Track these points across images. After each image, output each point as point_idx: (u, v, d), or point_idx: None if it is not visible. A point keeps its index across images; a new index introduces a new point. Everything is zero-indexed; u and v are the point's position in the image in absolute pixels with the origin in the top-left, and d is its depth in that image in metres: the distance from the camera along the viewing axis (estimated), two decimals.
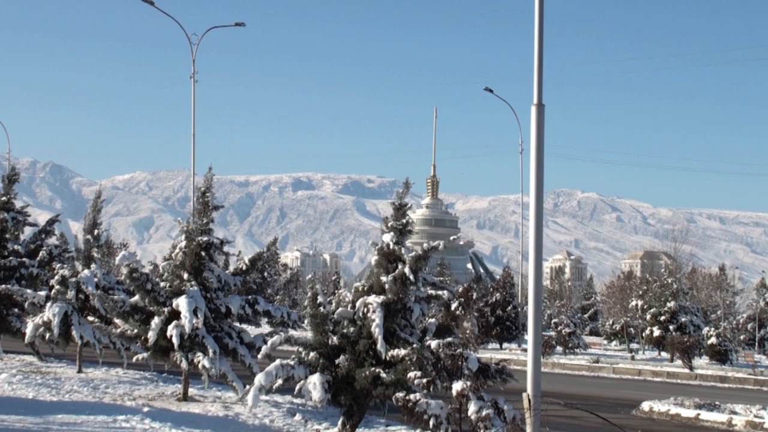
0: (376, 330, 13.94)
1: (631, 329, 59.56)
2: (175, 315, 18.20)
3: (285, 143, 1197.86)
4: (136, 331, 18.94)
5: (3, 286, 26.15)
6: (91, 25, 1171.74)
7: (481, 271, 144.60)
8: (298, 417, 16.88)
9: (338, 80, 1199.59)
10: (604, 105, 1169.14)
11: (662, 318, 50.88)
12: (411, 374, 13.11)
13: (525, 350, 35.50)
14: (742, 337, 62.99)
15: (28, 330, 23.80)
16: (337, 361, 14.36)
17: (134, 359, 19.94)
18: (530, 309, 12.70)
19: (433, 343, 13.94)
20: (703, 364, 43.62)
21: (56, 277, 24.51)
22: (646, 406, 22.39)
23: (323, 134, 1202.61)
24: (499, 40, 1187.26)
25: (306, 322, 15.99)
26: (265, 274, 78.65)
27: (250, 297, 19.60)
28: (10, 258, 27.77)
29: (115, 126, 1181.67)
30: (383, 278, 14.76)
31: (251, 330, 23.30)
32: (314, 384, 13.76)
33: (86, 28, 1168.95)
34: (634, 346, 59.65)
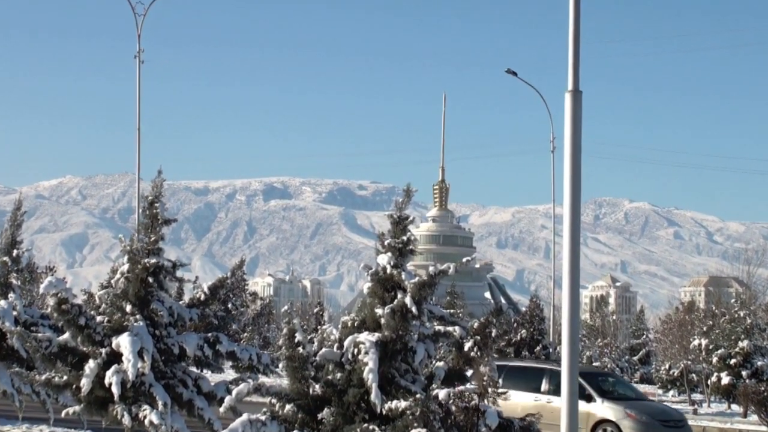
0: (370, 376, 13.97)
1: (693, 375, 59.52)
2: (115, 357, 18.19)
3: (254, 141, 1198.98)
4: (65, 378, 18.93)
5: None
6: None
7: (503, 301, 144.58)
8: None
9: (321, 65, 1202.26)
10: (657, 94, 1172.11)
11: (732, 361, 50.87)
12: None
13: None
14: None
15: None
16: (320, 416, 14.38)
17: (63, 414, 19.90)
18: (565, 350, 12.75)
19: (442, 393, 13.95)
20: None
21: None
22: None
23: (302, 130, 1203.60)
24: (518, 17, 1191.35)
25: (281, 366, 16.00)
26: (230, 305, 78.49)
27: (210, 335, 19.60)
28: None
29: (38, 120, 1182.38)
30: (378, 311, 14.79)
31: (212, 377, 23.29)
32: None
33: None
34: (696, 396, 59.63)
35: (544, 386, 28.88)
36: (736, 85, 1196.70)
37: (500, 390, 13.92)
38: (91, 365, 18.23)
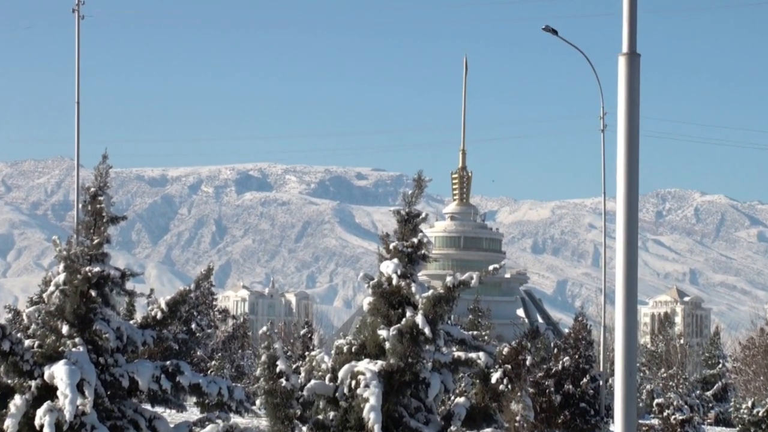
0: (371, 415, 13.99)
1: None
2: (48, 392, 18.21)
3: (225, 118, 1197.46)
4: None
5: None
6: None
7: (539, 320, 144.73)
8: None
9: (311, 21, 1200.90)
10: (734, 57, 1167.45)
11: None
12: None
13: None
14: None
15: None
16: None
17: None
18: (618, 382, 12.74)
19: None
20: None
21: None
22: None
23: (286, 104, 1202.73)
24: None
25: (258, 402, 16.01)
26: (194, 325, 78.55)
27: (168, 363, 19.62)
28: None
29: None
30: (382, 333, 14.81)
31: (171, 416, 23.32)
32: None
33: None
34: None
35: None
36: None
37: None
38: (17, 402, 18.24)
